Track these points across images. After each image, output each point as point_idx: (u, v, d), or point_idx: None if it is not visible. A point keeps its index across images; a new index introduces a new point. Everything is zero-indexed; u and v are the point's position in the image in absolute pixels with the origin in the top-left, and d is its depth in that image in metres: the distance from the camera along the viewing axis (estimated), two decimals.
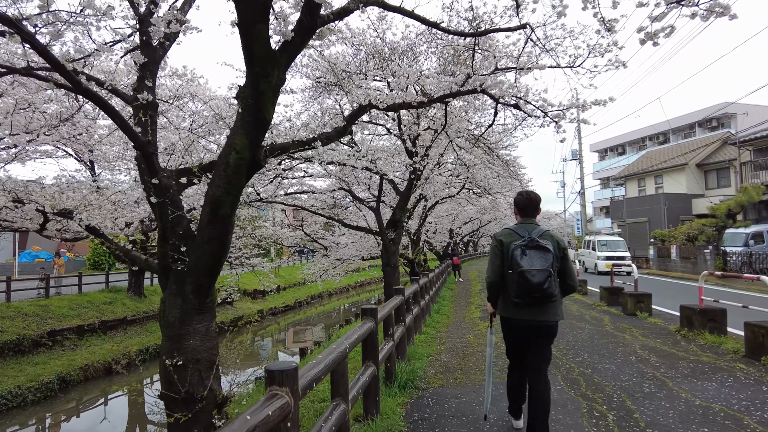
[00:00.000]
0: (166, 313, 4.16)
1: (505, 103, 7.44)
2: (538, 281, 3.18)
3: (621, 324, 8.02)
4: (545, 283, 3.18)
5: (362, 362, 4.17)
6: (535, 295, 3.21)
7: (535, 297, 3.23)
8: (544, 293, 3.19)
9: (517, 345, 3.62)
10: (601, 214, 56.23)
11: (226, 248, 4.11)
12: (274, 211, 23.74)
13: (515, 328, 3.52)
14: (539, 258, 3.26)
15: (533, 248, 3.29)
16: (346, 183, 14.56)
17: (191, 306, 4.16)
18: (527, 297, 3.24)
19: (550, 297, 3.23)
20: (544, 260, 3.25)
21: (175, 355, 4.05)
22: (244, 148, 3.79)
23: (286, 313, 28.10)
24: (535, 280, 3.18)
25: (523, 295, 3.25)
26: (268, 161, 4.12)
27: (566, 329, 7.82)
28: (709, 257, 18.20)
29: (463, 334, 8.26)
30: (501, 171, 16.48)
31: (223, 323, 21.97)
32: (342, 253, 21.13)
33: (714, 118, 38.65)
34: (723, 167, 28.75)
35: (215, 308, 4.48)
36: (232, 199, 3.92)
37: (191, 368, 4.10)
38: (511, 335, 3.63)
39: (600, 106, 7.34)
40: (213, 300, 4.38)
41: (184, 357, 4.08)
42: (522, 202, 3.62)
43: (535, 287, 3.19)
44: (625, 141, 50.83)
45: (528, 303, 3.29)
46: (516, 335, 3.57)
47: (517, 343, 3.61)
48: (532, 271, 3.20)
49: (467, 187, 19.49)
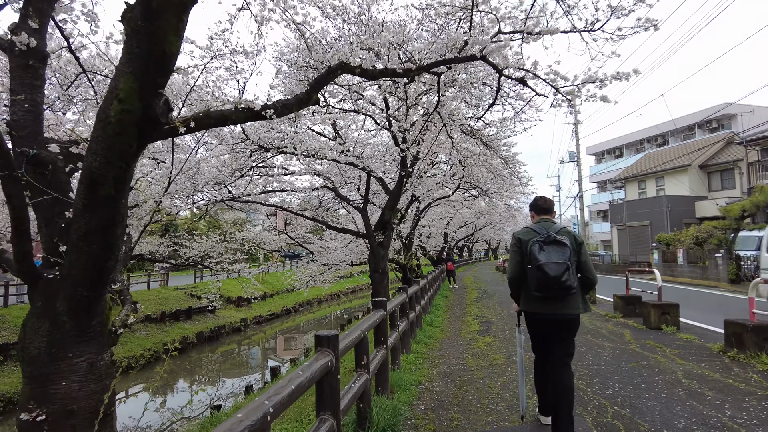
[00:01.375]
0: (27, 343, 2.83)
1: (509, 76, 6.19)
2: (555, 274, 3.28)
3: (647, 341, 6.75)
4: (563, 275, 3.28)
5: (316, 415, 2.85)
6: (554, 287, 3.31)
7: (554, 290, 3.33)
8: (561, 286, 3.29)
9: (541, 339, 3.70)
10: (598, 218, 55.16)
11: (113, 248, 2.79)
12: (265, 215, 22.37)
13: (538, 322, 3.60)
14: (556, 252, 3.37)
15: (551, 243, 3.41)
16: (331, 181, 13.27)
17: (66, 332, 2.84)
18: (546, 290, 3.35)
19: (569, 290, 3.32)
20: (561, 254, 3.35)
21: (34, 406, 2.72)
22: (130, 95, 2.49)
23: (272, 321, 26.70)
24: (553, 273, 3.29)
25: (542, 289, 3.36)
26: (174, 121, 2.80)
27: (583, 347, 6.54)
28: (722, 262, 17.01)
29: (460, 352, 6.96)
30: (499, 168, 15.25)
31: (202, 333, 20.59)
32: (330, 258, 19.81)
33: (714, 119, 37.71)
34: (727, 168, 27.66)
35: (110, 334, 3.15)
36: (118, 173, 2.62)
37: (60, 425, 2.77)
38: (535, 330, 3.72)
39: (622, 81, 6.09)
40: (104, 323, 3.05)
41: (51, 408, 2.76)
42: (539, 203, 3.83)
43: (553, 280, 3.29)
44: (622, 143, 49.86)
45: (548, 296, 3.39)
46: (539, 329, 3.67)
47: (541, 337, 3.70)
48: (549, 265, 3.31)
49: (463, 188, 18.27)
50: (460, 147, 11.46)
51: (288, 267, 35.85)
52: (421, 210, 19.87)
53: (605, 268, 29.79)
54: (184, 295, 24.54)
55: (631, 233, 30.52)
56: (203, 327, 21.20)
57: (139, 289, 22.81)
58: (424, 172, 16.67)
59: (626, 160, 46.95)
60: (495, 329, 8.70)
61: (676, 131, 41.46)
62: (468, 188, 17.45)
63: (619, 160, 48.90)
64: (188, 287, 25.81)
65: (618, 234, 32.81)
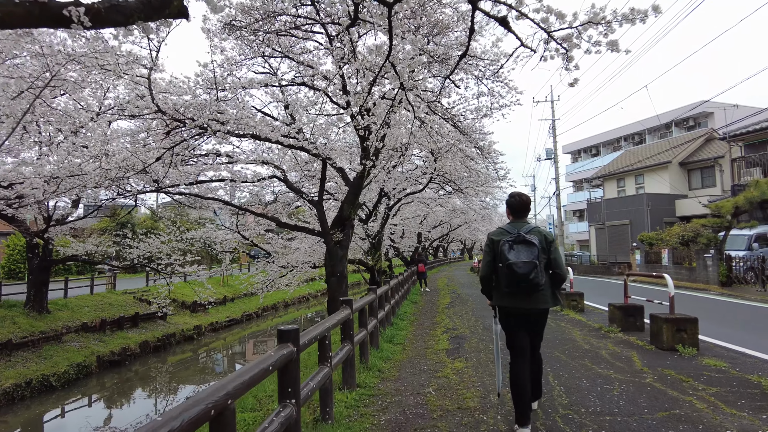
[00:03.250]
0: None
1: (487, 13, 4.58)
2: (524, 272, 3.49)
3: (665, 370, 5.17)
4: (531, 273, 3.48)
5: None
6: (523, 285, 3.53)
7: (522, 287, 3.55)
8: (530, 283, 3.50)
9: (515, 331, 3.84)
10: (574, 218, 54.43)
11: None
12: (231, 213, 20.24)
13: (510, 315, 3.83)
14: (525, 251, 3.56)
15: (520, 243, 3.60)
16: (282, 171, 11.50)
17: None
18: (516, 287, 3.57)
19: (537, 286, 3.53)
20: (529, 253, 3.55)
21: None
22: None
23: (231, 327, 24.65)
24: (521, 272, 3.49)
25: (512, 286, 3.58)
26: None
27: (582, 381, 4.96)
28: (711, 263, 15.81)
29: (421, 384, 5.31)
30: (475, 159, 13.68)
31: (147, 342, 18.51)
32: (290, 260, 18.00)
33: (691, 117, 37.11)
34: (708, 166, 26.80)
35: None
36: None
37: None
38: (507, 322, 3.89)
39: (636, 23, 4.53)
40: None
41: None
42: (514, 203, 3.93)
43: (521, 277, 3.50)
44: (599, 142, 49.18)
45: (517, 292, 3.62)
46: (511, 322, 3.85)
47: (515, 329, 3.85)
48: (518, 263, 3.52)
49: (436, 182, 16.68)
50: (428, 129, 9.84)
51: (246, 269, 33.76)
52: (391, 206, 18.22)
53: (584, 269, 28.64)
54: (133, 300, 22.39)
55: (611, 232, 29.47)
56: (149, 336, 19.10)
57: (80, 293, 20.59)
58: (393, 166, 15.04)
59: (603, 158, 46.23)
60: (468, 348, 7.07)
61: (652, 129, 40.80)
62: (441, 183, 15.88)
63: (596, 158, 48.19)
64: (139, 291, 23.65)
65: (596, 233, 31.77)
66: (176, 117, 6.85)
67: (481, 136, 12.22)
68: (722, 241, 15.75)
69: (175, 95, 6.92)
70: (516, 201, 3.88)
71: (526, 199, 3.91)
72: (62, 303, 18.28)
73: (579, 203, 50.95)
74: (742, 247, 16.64)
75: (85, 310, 18.61)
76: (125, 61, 6.94)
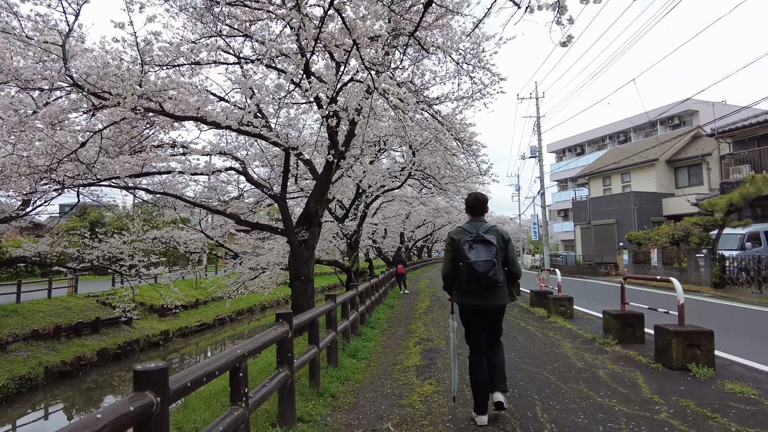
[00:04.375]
0: None
1: None
2: (483, 270, 3.67)
3: (681, 399, 4.16)
4: (490, 271, 3.68)
5: None
6: (482, 282, 3.71)
7: (482, 284, 3.73)
8: (489, 280, 3.69)
9: (474, 327, 4.06)
10: (558, 218, 53.93)
11: None
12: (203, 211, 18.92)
13: (470, 312, 4.01)
14: (484, 250, 3.74)
15: (479, 242, 3.78)
16: (242, 162, 10.38)
17: None
18: (475, 284, 3.75)
19: (496, 283, 3.74)
20: (488, 252, 3.73)
21: None
22: None
23: (203, 332, 23.39)
24: (481, 270, 3.67)
25: (472, 283, 3.76)
26: None
27: (577, 412, 3.96)
28: (704, 263, 15.02)
29: (380, 415, 4.28)
30: (456, 152, 12.70)
31: (106, 350, 17.21)
32: (260, 261, 16.86)
33: (676, 115, 36.67)
34: (695, 164, 26.20)
35: None
36: None
37: None
38: (467, 319, 4.08)
39: None
40: None
41: None
42: (471, 202, 4.14)
43: (481, 276, 3.68)
44: (584, 140, 48.69)
45: (477, 290, 3.79)
46: (471, 318, 4.04)
47: (473, 326, 4.06)
48: (478, 263, 3.69)
49: (415, 178, 15.66)
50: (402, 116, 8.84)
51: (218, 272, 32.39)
52: (368, 204, 17.19)
53: (569, 270, 27.88)
54: (96, 304, 21.01)
55: (597, 232, 28.76)
56: (110, 342, 17.77)
57: (35, 297, 19.17)
58: (370, 162, 14.00)
59: (587, 157, 45.71)
60: (441, 365, 6.05)
61: (638, 128, 40.34)
62: (419, 179, 14.87)
63: (580, 157, 47.67)
64: (103, 294, 22.24)
65: (582, 233, 31.06)
66: (94, 92, 5.71)
67: (461, 126, 11.22)
68: (715, 240, 15.00)
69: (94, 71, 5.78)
70: (474, 200, 4.11)
71: (483, 199, 4.11)
72: (12, 308, 16.88)
73: (563, 203, 50.44)
74: (735, 246, 15.89)
75: (39, 315, 17.24)
76: (34, 27, 5.80)
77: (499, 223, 77.99)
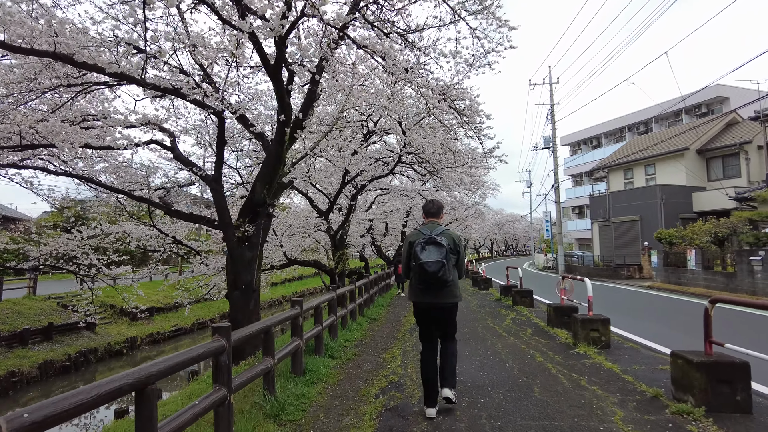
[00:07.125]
0: None
1: None
2: (433, 270, 3.95)
3: None
4: (439, 271, 3.95)
5: None
6: (431, 281, 3.99)
7: (431, 283, 4.01)
8: (438, 280, 3.97)
9: (426, 324, 4.31)
10: (572, 215, 50.88)
11: None
12: None
13: (422, 309, 4.26)
14: (435, 252, 3.99)
15: (431, 244, 4.04)
16: (170, 134, 7.90)
17: None
18: (426, 283, 4.04)
19: (445, 283, 4.01)
20: (438, 253, 3.98)
21: None
22: None
23: (178, 338, 21.01)
24: (431, 270, 3.95)
25: (422, 282, 4.06)
26: None
27: None
28: (759, 268, 12.31)
29: None
30: (455, 128, 10.10)
31: (52, 362, 14.91)
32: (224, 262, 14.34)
33: (703, 103, 33.68)
34: (731, 153, 23.30)
35: None
36: None
37: None
38: (420, 315, 4.31)
39: None
40: None
41: None
42: (428, 207, 4.49)
43: (431, 275, 3.96)
44: (600, 132, 45.64)
45: (428, 288, 4.07)
46: (423, 315, 4.28)
47: (425, 323, 4.31)
48: (429, 263, 3.95)
49: (406, 163, 13.09)
50: (382, 65, 6.28)
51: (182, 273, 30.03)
52: (354, 195, 14.67)
53: (586, 271, 25.15)
54: (56, 307, 18.72)
55: (617, 230, 25.98)
56: (59, 353, 15.45)
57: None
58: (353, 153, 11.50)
59: (604, 149, 42.73)
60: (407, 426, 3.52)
61: (659, 118, 37.36)
62: (411, 163, 12.31)
63: (596, 150, 44.68)
64: (68, 296, 19.89)
65: (600, 231, 28.27)
66: None
67: (460, 92, 8.63)
68: None
69: None
70: (429, 206, 4.48)
71: (438, 205, 4.46)
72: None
73: (578, 199, 47.48)
74: None
75: None
76: None
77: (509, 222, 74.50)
